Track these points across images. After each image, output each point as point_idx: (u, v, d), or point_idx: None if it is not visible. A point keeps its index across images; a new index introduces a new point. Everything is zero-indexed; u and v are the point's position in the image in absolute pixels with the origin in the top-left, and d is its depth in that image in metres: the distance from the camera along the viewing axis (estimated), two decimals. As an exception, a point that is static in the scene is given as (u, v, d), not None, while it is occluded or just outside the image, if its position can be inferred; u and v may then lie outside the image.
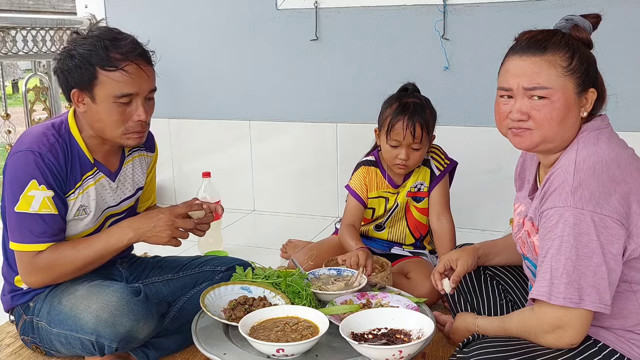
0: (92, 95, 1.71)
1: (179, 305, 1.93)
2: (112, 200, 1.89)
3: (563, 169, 1.33)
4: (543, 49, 1.37)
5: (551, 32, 1.40)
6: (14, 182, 1.70)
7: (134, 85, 1.71)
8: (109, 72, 1.69)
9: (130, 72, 1.70)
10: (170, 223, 1.74)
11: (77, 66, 1.69)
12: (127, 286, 1.72)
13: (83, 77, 1.70)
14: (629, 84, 2.76)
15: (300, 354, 1.56)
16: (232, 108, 3.54)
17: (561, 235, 1.29)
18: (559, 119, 1.36)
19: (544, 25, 1.46)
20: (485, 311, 1.76)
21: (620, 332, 1.36)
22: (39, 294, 1.82)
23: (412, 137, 2.17)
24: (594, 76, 1.40)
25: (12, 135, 3.27)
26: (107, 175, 1.85)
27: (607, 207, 1.27)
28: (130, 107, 1.73)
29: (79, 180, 1.79)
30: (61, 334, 1.72)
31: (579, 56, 1.36)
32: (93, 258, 1.76)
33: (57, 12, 11.70)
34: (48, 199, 1.70)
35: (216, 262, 2.07)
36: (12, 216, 1.72)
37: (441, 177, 2.31)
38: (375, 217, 2.40)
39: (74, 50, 1.71)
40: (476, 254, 1.75)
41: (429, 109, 2.23)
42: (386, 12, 3.11)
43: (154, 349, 1.83)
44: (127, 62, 1.70)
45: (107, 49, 1.69)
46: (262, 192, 3.60)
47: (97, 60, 1.68)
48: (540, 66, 1.36)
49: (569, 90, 1.36)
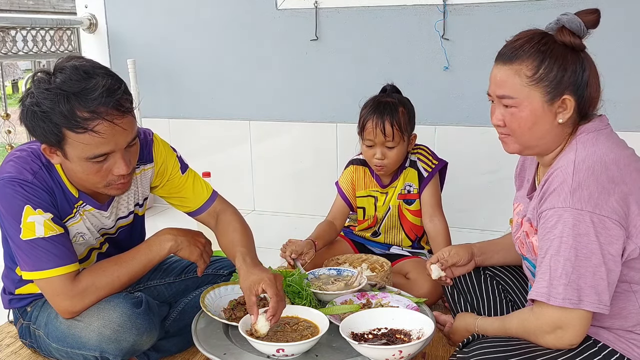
0: (64, 153, 1.54)
1: (180, 307, 1.92)
2: (105, 225, 1.81)
3: (562, 169, 1.33)
4: (511, 57, 1.38)
5: (529, 38, 1.38)
6: (9, 212, 1.59)
7: (108, 144, 1.51)
8: (78, 135, 1.48)
9: (101, 132, 1.48)
10: (204, 244, 1.83)
11: (41, 126, 1.49)
12: (127, 298, 1.66)
13: (49, 137, 1.51)
14: (630, 83, 2.76)
15: (300, 354, 1.56)
16: (232, 108, 3.54)
17: (560, 236, 1.29)
18: (527, 127, 1.39)
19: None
20: (485, 311, 1.76)
21: (620, 332, 1.36)
22: (36, 300, 1.79)
23: (383, 135, 2.19)
24: (573, 81, 1.36)
25: (12, 135, 3.27)
26: (97, 208, 1.74)
27: (606, 207, 1.27)
28: (108, 162, 1.55)
29: (70, 212, 1.69)
30: (61, 349, 1.69)
31: (547, 64, 1.35)
32: (137, 270, 1.70)
33: (57, 12, 11.70)
34: (49, 221, 1.60)
35: (218, 265, 2.06)
36: (22, 246, 1.59)
37: (430, 177, 2.31)
38: (367, 217, 2.40)
39: (37, 105, 1.48)
40: (471, 249, 1.77)
41: (403, 107, 2.24)
42: (386, 12, 3.11)
43: (155, 350, 1.82)
44: (97, 121, 1.47)
45: (72, 107, 1.45)
46: (262, 192, 3.60)
47: (61, 120, 1.46)
48: (507, 75, 1.38)
49: (535, 100, 1.36)
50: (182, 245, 1.76)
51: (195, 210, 1.94)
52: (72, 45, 3.65)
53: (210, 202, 1.94)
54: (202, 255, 1.81)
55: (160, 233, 1.78)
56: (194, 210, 1.94)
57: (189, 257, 1.79)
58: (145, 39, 3.63)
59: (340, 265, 2.19)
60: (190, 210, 1.95)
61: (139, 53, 3.58)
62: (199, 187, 1.93)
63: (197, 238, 1.82)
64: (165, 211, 3.56)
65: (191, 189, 1.92)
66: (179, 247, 1.76)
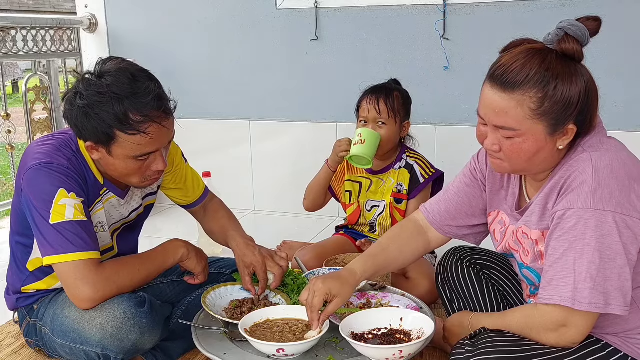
0: (109, 150, 1.62)
1: (184, 306, 1.92)
2: (120, 215, 1.86)
3: (580, 170, 1.29)
4: (513, 85, 1.28)
5: (527, 59, 1.29)
6: (40, 196, 1.61)
7: (154, 144, 1.62)
8: (129, 136, 1.58)
9: (151, 133, 1.59)
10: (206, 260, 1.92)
11: (92, 125, 1.58)
12: (130, 297, 1.67)
13: (99, 137, 1.60)
14: (630, 83, 2.76)
15: (300, 354, 1.56)
16: (232, 108, 3.54)
17: (582, 238, 1.25)
18: (527, 157, 1.34)
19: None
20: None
21: (622, 334, 1.36)
22: (43, 297, 1.81)
23: (375, 112, 2.28)
24: (578, 110, 1.29)
25: (12, 135, 3.27)
26: (117, 195, 1.81)
27: (628, 206, 1.24)
28: (149, 160, 1.65)
29: (98, 197, 1.75)
30: (65, 345, 1.69)
31: (552, 95, 1.26)
32: (153, 269, 1.75)
33: (57, 12, 11.70)
34: (79, 206, 1.63)
35: (221, 265, 2.07)
36: (49, 231, 1.59)
37: (424, 185, 2.34)
38: (352, 201, 2.46)
39: (89, 107, 1.56)
40: (355, 283, 1.60)
41: (399, 92, 2.33)
42: (386, 12, 3.11)
43: (161, 351, 1.80)
44: (148, 123, 1.58)
45: (126, 110, 1.55)
46: (262, 192, 3.61)
47: (115, 123, 1.56)
48: (508, 105, 1.29)
49: (539, 132, 1.30)
50: (191, 255, 1.85)
51: (193, 202, 2.05)
52: (72, 45, 3.65)
53: (206, 194, 2.08)
54: (204, 270, 1.89)
55: (172, 241, 1.86)
56: (192, 203, 2.05)
57: (194, 269, 1.87)
58: (145, 39, 3.63)
59: (340, 265, 2.19)
60: (189, 203, 2.05)
61: (139, 53, 3.57)
62: (197, 180, 2.05)
63: (202, 254, 1.91)
64: (165, 212, 3.55)
65: (191, 180, 2.03)
66: (189, 256, 1.84)
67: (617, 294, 1.25)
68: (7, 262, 1.89)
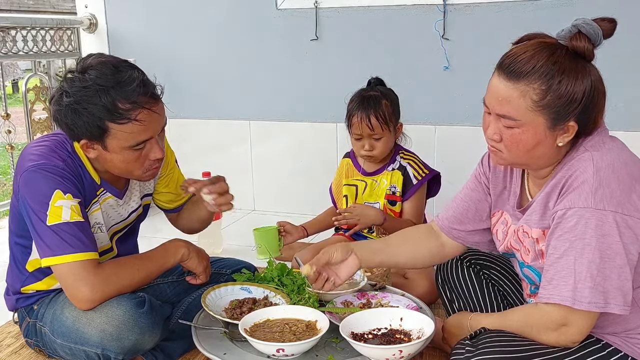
0: (104, 145, 1.62)
1: (184, 306, 1.92)
2: (119, 216, 1.86)
3: (581, 169, 1.29)
4: (518, 75, 1.28)
5: (537, 51, 1.29)
6: (36, 198, 1.61)
7: (148, 130, 1.62)
8: (121, 126, 1.58)
9: (142, 119, 1.59)
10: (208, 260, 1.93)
11: (83, 121, 1.58)
12: (130, 297, 1.67)
13: (92, 132, 1.59)
14: (630, 83, 2.76)
15: (300, 354, 1.56)
16: (232, 108, 3.54)
17: (582, 238, 1.25)
18: (526, 149, 1.34)
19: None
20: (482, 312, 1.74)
21: (622, 334, 1.36)
22: (43, 298, 1.81)
23: (369, 129, 2.28)
24: (580, 108, 1.28)
25: (12, 135, 3.27)
26: (115, 195, 1.81)
27: (629, 206, 1.24)
28: (145, 148, 1.65)
29: (94, 197, 1.74)
30: (65, 345, 1.69)
31: (556, 89, 1.26)
32: (153, 269, 1.75)
33: (57, 12, 11.70)
34: (75, 207, 1.62)
35: (221, 265, 2.07)
36: (47, 233, 1.60)
37: (417, 187, 2.34)
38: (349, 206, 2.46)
39: (77, 103, 1.56)
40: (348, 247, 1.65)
41: (386, 100, 2.32)
42: (386, 12, 3.11)
43: (161, 351, 1.80)
44: (138, 110, 1.58)
45: (114, 100, 1.55)
46: (262, 192, 3.60)
47: (105, 114, 1.56)
48: (511, 95, 1.30)
49: (539, 125, 1.30)
50: (192, 255, 1.85)
51: (178, 206, 2.05)
52: (72, 45, 3.64)
53: (189, 199, 2.05)
54: (206, 269, 1.90)
55: (172, 241, 1.86)
56: (176, 207, 2.05)
57: (195, 269, 1.87)
58: (145, 39, 3.63)
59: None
60: (174, 207, 2.05)
61: (139, 53, 3.57)
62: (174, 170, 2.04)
63: (204, 254, 1.91)
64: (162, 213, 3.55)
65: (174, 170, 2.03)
66: (190, 256, 1.84)
67: (617, 293, 1.25)
68: (7, 262, 1.89)
